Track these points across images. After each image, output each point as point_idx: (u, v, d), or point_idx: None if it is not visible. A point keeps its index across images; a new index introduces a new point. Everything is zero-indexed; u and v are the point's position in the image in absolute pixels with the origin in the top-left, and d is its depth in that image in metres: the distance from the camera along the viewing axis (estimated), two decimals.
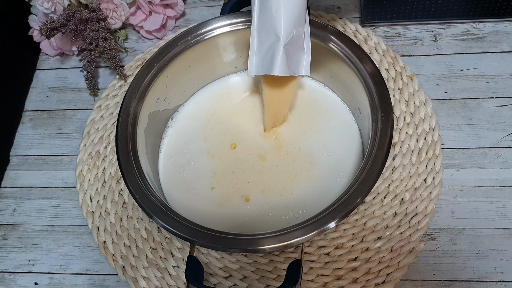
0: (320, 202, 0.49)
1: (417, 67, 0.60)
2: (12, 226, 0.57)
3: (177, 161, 0.53)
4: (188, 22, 0.69)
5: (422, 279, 0.49)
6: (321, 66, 0.54)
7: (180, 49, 0.51)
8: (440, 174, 0.52)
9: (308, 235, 0.39)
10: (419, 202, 0.50)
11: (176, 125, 0.56)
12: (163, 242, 0.51)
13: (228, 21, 0.52)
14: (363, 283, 0.47)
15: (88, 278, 0.53)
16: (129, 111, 0.48)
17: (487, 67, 0.59)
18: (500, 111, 0.56)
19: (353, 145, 0.52)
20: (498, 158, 0.53)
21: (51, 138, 0.63)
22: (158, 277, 0.50)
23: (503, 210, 0.51)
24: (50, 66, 0.69)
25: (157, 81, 0.50)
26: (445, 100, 0.57)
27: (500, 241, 0.49)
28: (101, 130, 0.60)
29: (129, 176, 0.44)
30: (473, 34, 0.61)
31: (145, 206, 0.42)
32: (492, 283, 0.48)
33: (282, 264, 0.49)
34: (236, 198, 0.50)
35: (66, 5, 0.62)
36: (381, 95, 0.45)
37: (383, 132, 0.43)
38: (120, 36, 0.67)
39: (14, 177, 0.60)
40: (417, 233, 0.49)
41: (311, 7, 0.65)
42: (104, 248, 0.52)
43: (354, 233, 0.50)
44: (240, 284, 0.49)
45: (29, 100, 0.66)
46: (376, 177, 0.41)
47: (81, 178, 0.57)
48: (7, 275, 0.54)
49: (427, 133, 0.54)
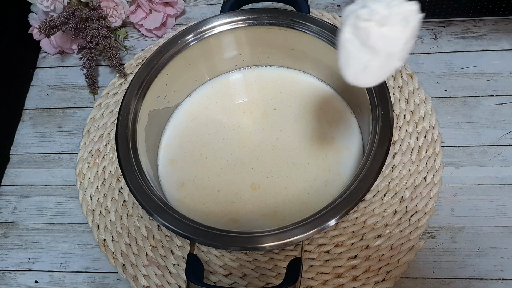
0: (320, 199, 0.49)
1: (417, 65, 0.60)
2: (12, 224, 0.57)
3: (178, 159, 0.53)
4: (188, 20, 0.69)
5: (422, 277, 0.49)
6: (321, 64, 0.54)
7: (180, 47, 0.51)
8: (440, 172, 0.52)
9: (308, 233, 0.39)
10: (419, 200, 0.50)
11: (176, 123, 0.56)
12: (163, 240, 0.52)
13: (228, 19, 0.52)
14: (363, 281, 0.47)
15: (88, 276, 0.53)
16: (129, 109, 0.48)
17: (487, 65, 0.59)
18: (500, 109, 0.56)
19: (354, 143, 0.52)
20: (498, 156, 0.53)
21: (51, 136, 0.63)
22: (158, 275, 0.50)
23: (503, 208, 0.51)
24: (50, 64, 0.68)
25: (157, 79, 0.50)
26: (445, 98, 0.57)
27: (500, 239, 0.49)
28: (101, 128, 0.60)
29: (129, 174, 0.44)
30: (473, 32, 0.61)
31: (145, 204, 0.42)
32: (492, 281, 0.48)
33: (282, 262, 0.49)
34: (237, 196, 0.50)
35: (66, 3, 0.62)
36: (381, 93, 0.45)
37: (383, 130, 0.43)
38: (120, 34, 0.67)
39: (14, 175, 0.60)
40: (417, 231, 0.49)
41: (311, 5, 0.65)
42: (104, 246, 0.53)
43: (354, 231, 0.50)
44: (240, 282, 0.49)
45: (29, 98, 0.66)
46: (376, 175, 0.41)
47: (81, 176, 0.57)
48: (7, 273, 0.54)
49: (427, 131, 0.54)
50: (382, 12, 0.30)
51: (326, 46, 0.49)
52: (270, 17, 0.51)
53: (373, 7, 0.30)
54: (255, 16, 0.52)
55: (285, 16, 0.51)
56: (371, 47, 0.31)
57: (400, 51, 0.31)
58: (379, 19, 0.30)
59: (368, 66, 0.32)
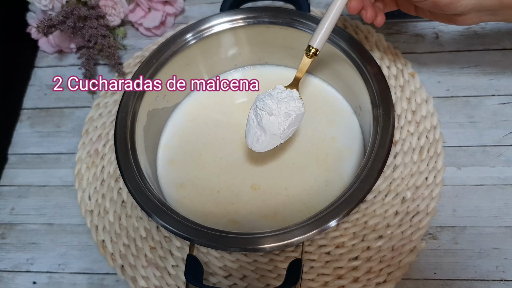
0: (321, 200, 0.49)
1: (419, 65, 0.59)
2: (10, 225, 0.57)
3: (177, 159, 0.53)
4: (188, 19, 0.68)
5: (423, 278, 0.48)
6: (322, 63, 0.53)
7: (179, 46, 0.51)
8: (441, 173, 0.51)
9: (308, 234, 0.38)
10: (421, 201, 0.50)
11: (175, 123, 0.55)
12: (162, 241, 0.51)
13: (227, 18, 0.51)
14: (364, 282, 0.47)
15: (86, 277, 0.53)
16: (128, 109, 0.47)
17: (489, 65, 0.58)
18: (502, 108, 0.55)
19: (355, 143, 0.51)
20: (500, 156, 0.53)
21: (49, 136, 0.62)
22: (157, 276, 0.50)
23: (505, 209, 0.50)
24: (48, 63, 0.68)
25: (156, 78, 0.50)
26: (447, 97, 0.57)
27: (502, 240, 0.49)
28: (99, 128, 0.59)
29: (128, 174, 0.44)
30: (475, 31, 0.61)
31: (144, 205, 0.42)
32: (494, 282, 0.47)
33: (282, 263, 0.49)
34: (237, 197, 0.50)
35: (64, 2, 0.61)
36: (382, 93, 0.45)
37: (384, 130, 0.43)
38: (119, 34, 0.67)
39: (12, 176, 0.60)
40: (418, 232, 0.49)
41: (311, 4, 0.65)
42: (103, 247, 0.52)
43: (355, 232, 0.49)
44: (239, 283, 0.48)
45: (27, 98, 0.66)
46: (377, 175, 0.41)
47: (79, 176, 0.57)
48: (5, 274, 0.54)
49: (429, 131, 0.54)
50: (272, 106, 0.44)
51: (326, 45, 0.49)
52: (270, 16, 0.51)
53: (267, 102, 0.44)
54: (255, 15, 0.51)
55: (285, 15, 0.51)
56: (262, 127, 0.45)
57: (281, 133, 0.45)
58: (268, 110, 0.44)
59: (259, 139, 0.45)
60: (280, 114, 0.44)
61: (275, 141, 0.46)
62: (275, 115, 0.44)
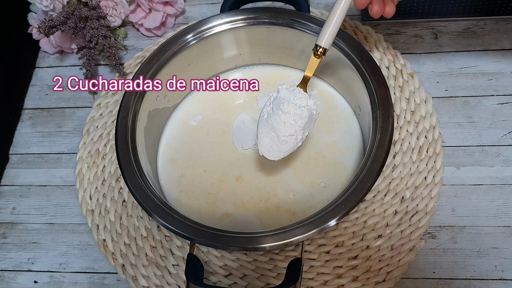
0: (320, 199, 0.49)
1: (418, 65, 0.59)
2: (11, 224, 0.57)
3: (177, 159, 0.53)
4: (188, 19, 0.68)
5: (422, 277, 0.48)
6: (321, 64, 0.53)
7: (180, 46, 0.51)
8: (440, 172, 0.52)
9: (308, 233, 0.39)
10: (420, 200, 0.50)
11: (175, 123, 0.56)
12: (163, 241, 0.51)
13: (228, 18, 0.52)
14: (363, 281, 0.47)
15: (87, 277, 0.53)
16: (128, 109, 0.47)
17: (488, 65, 0.58)
18: (501, 108, 0.56)
19: (354, 143, 0.52)
20: (499, 156, 0.53)
21: (50, 136, 0.62)
22: (158, 275, 0.50)
23: (503, 208, 0.50)
24: (50, 64, 0.68)
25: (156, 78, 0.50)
26: (446, 98, 0.57)
27: (500, 239, 0.49)
28: (100, 128, 0.59)
29: (129, 174, 0.44)
30: (474, 31, 0.61)
31: (144, 204, 0.42)
32: (493, 281, 0.48)
33: (282, 262, 0.49)
34: (237, 197, 0.50)
35: (65, 2, 0.61)
36: (382, 93, 0.45)
37: (383, 130, 0.43)
38: (120, 34, 0.67)
39: (13, 175, 0.60)
40: (418, 231, 0.49)
41: (311, 4, 0.65)
42: (104, 247, 0.52)
43: (355, 231, 0.49)
44: (240, 282, 0.49)
45: (28, 98, 0.66)
46: (376, 175, 0.41)
47: (80, 176, 0.57)
48: (6, 274, 0.54)
49: (428, 131, 0.54)
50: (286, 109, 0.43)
51: None
52: (270, 17, 0.51)
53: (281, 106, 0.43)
54: (255, 16, 0.52)
55: (285, 15, 0.51)
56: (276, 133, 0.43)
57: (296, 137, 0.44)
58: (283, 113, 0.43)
59: (272, 146, 0.44)
60: (295, 115, 0.43)
61: (289, 147, 0.44)
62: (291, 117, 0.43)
